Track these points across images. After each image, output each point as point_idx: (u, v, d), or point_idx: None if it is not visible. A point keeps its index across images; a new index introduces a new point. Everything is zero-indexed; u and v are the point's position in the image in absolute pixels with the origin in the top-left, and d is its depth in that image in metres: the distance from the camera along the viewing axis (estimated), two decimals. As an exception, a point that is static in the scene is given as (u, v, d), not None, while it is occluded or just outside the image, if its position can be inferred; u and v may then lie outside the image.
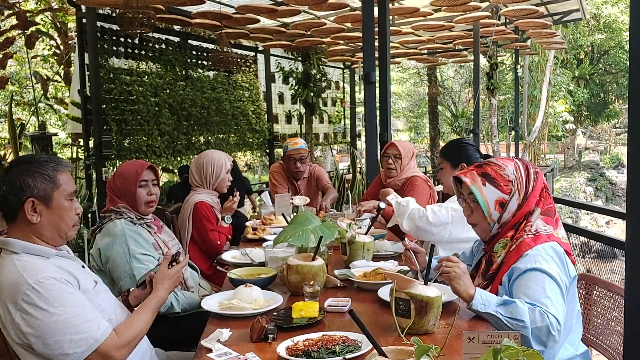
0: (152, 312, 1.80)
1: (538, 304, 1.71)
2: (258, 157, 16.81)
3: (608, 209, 6.90)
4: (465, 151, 2.84)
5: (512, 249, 1.87)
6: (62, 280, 1.61)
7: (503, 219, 1.92)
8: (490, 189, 1.91)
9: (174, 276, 1.89)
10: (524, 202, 1.91)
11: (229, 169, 3.39)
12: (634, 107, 1.48)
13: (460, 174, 1.98)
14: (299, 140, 4.25)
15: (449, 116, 21.29)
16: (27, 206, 1.64)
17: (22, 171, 1.65)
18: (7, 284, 1.58)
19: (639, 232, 1.56)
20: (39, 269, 1.61)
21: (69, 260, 1.76)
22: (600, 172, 20.96)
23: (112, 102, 5.53)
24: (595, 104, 23.23)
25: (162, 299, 1.85)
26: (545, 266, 1.78)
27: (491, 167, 1.94)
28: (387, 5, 4.61)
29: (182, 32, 6.84)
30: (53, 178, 1.67)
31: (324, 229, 2.24)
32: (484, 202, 1.91)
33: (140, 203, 2.48)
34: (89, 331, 1.58)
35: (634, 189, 1.49)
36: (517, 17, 7.25)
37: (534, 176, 1.94)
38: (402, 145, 3.67)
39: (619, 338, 2.02)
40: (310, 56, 8.49)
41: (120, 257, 2.28)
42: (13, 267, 1.61)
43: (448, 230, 2.71)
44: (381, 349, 1.27)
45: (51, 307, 1.56)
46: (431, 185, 3.64)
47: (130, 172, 2.50)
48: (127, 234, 2.33)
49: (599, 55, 22.90)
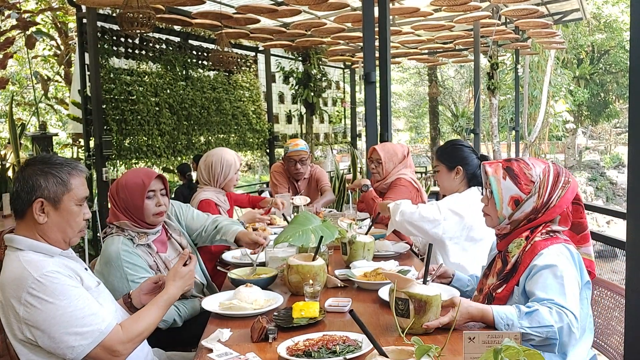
0: (161, 309, 1.78)
1: (555, 300, 1.68)
2: (258, 157, 16.83)
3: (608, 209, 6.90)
4: (461, 153, 2.83)
5: (527, 250, 1.86)
6: (67, 275, 1.62)
7: (514, 216, 1.91)
8: (509, 184, 1.90)
9: (186, 275, 1.87)
10: (542, 207, 1.88)
11: (238, 168, 3.37)
12: (634, 107, 1.48)
13: (487, 163, 1.99)
14: (299, 142, 4.23)
15: (449, 116, 21.30)
16: (35, 206, 1.65)
17: (37, 171, 1.66)
18: (11, 280, 1.59)
19: (639, 232, 1.56)
20: (44, 264, 1.62)
21: (72, 261, 1.76)
22: (600, 172, 20.94)
23: (113, 102, 5.54)
24: (595, 103, 23.23)
25: (173, 297, 1.83)
26: (561, 264, 1.76)
27: (518, 163, 1.94)
28: (388, 5, 4.61)
29: (183, 32, 6.84)
30: (65, 181, 1.68)
31: (325, 229, 2.24)
32: (497, 195, 1.91)
33: (148, 215, 2.30)
34: (94, 324, 1.58)
35: (634, 189, 1.49)
36: (517, 17, 7.24)
37: (563, 185, 1.88)
38: (385, 150, 3.66)
39: (620, 338, 2.02)
40: (310, 56, 8.50)
41: (118, 280, 2.18)
42: (17, 264, 1.61)
43: (442, 227, 2.69)
44: (382, 349, 1.26)
45: (57, 299, 1.56)
46: (419, 188, 3.60)
47: (135, 184, 2.30)
48: (122, 258, 2.19)
49: (600, 55, 22.90)
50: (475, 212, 2.68)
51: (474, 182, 2.82)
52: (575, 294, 1.73)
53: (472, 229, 2.71)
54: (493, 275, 1.99)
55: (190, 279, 1.89)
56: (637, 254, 1.50)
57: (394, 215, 2.76)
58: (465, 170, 2.80)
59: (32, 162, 1.72)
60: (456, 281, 2.25)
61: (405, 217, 2.69)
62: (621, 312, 2.01)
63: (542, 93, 15.71)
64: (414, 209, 2.71)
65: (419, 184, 3.64)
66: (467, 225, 2.70)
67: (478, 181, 2.79)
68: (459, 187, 2.82)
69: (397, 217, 2.73)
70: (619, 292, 2.06)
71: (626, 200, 1.47)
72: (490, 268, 2.05)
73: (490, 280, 1.98)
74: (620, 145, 25.73)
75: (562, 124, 19.59)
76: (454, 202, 2.72)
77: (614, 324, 2.09)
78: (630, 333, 1.58)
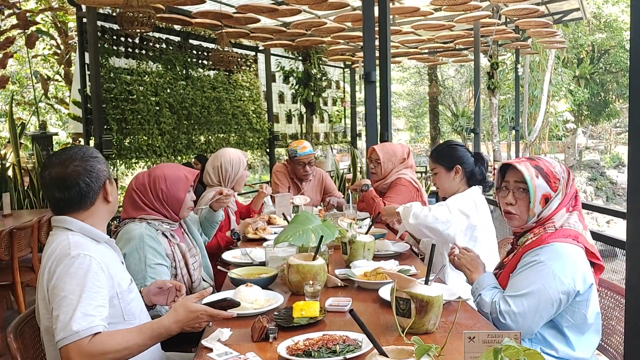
0: (146, 339, 1.60)
1: (512, 293, 1.85)
2: (258, 156, 16.85)
3: (608, 209, 6.89)
4: (457, 153, 2.83)
5: (528, 242, 1.94)
6: (99, 267, 1.62)
7: (543, 214, 1.94)
8: (542, 183, 1.93)
9: (196, 312, 1.64)
10: (562, 203, 1.95)
11: (246, 165, 3.40)
12: (634, 107, 1.48)
13: (514, 162, 2.00)
14: (306, 144, 4.20)
15: (449, 115, 21.31)
16: (107, 187, 1.76)
17: (87, 161, 1.73)
18: (54, 254, 1.62)
19: (639, 232, 1.56)
20: (87, 247, 1.65)
21: (113, 252, 1.79)
22: (600, 172, 20.93)
23: (113, 101, 5.54)
24: (595, 103, 23.22)
25: (166, 332, 1.63)
26: (546, 261, 1.82)
27: (543, 162, 1.97)
28: (388, 4, 4.61)
29: (183, 31, 6.84)
30: (106, 163, 1.81)
31: (325, 228, 2.24)
32: (533, 193, 1.93)
33: (184, 208, 2.41)
34: (77, 322, 1.52)
35: (634, 189, 1.49)
36: (517, 17, 7.24)
37: (572, 181, 1.99)
38: (385, 150, 3.65)
39: (620, 338, 2.02)
40: (310, 55, 8.50)
41: (136, 263, 2.19)
42: (65, 241, 1.65)
43: (453, 228, 2.68)
44: (382, 349, 1.26)
45: (72, 278, 1.56)
46: (419, 187, 3.60)
47: (178, 177, 2.39)
48: (146, 241, 2.22)
49: (600, 55, 22.89)
50: (479, 212, 2.68)
51: (473, 180, 2.82)
52: (536, 310, 1.82)
53: (475, 228, 2.72)
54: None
55: (196, 321, 1.65)
56: (637, 254, 1.50)
57: (405, 218, 2.74)
58: (463, 169, 2.80)
59: (72, 158, 1.72)
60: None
61: (420, 220, 2.67)
62: (621, 312, 2.01)
63: (542, 92, 15.72)
64: (427, 211, 2.69)
65: (419, 184, 3.64)
66: (472, 224, 2.70)
67: (477, 180, 2.81)
68: (459, 186, 2.82)
69: (410, 219, 2.70)
70: (619, 292, 2.06)
71: (626, 200, 1.47)
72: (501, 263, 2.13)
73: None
74: (620, 144, 25.73)
75: (562, 124, 19.59)
76: (462, 202, 2.71)
77: (613, 324, 2.09)
78: (630, 333, 1.58)
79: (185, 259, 2.43)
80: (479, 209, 2.71)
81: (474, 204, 2.69)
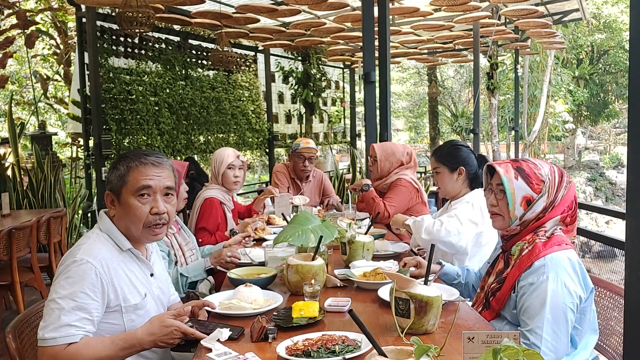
0: (119, 350, 1.59)
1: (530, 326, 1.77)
2: (258, 156, 16.82)
3: (608, 209, 6.90)
4: (462, 153, 2.82)
5: (524, 253, 1.88)
6: (99, 279, 1.61)
7: (526, 217, 1.91)
8: (521, 184, 1.90)
9: (169, 327, 1.62)
10: (550, 207, 1.90)
11: (229, 162, 3.41)
12: (633, 107, 1.48)
13: (495, 163, 1.98)
14: (310, 141, 4.30)
15: (449, 116, 21.30)
16: (107, 199, 1.76)
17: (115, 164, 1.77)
18: (71, 249, 1.66)
19: (638, 232, 1.56)
20: (96, 253, 1.64)
21: (135, 264, 1.77)
22: (600, 172, 20.96)
23: (112, 101, 5.53)
24: (595, 103, 23.22)
25: (139, 345, 1.61)
26: (552, 279, 1.77)
27: (527, 164, 1.95)
28: (387, 4, 4.61)
29: (182, 31, 6.84)
30: (123, 175, 1.73)
31: (324, 228, 2.24)
32: (511, 195, 1.91)
33: (180, 199, 2.55)
34: (58, 331, 1.54)
35: (633, 189, 1.49)
36: (517, 17, 7.24)
37: (566, 184, 1.92)
38: (383, 149, 3.66)
39: (619, 338, 2.01)
40: (310, 56, 8.49)
41: None
42: (85, 239, 1.68)
43: (464, 239, 2.66)
44: (381, 349, 1.26)
45: (64, 282, 1.58)
46: (419, 188, 3.60)
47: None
48: None
49: (599, 55, 22.89)
50: (484, 218, 2.67)
51: (475, 183, 2.80)
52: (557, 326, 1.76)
53: (481, 235, 2.71)
54: (493, 274, 2.00)
55: (168, 337, 1.62)
56: (636, 255, 1.50)
57: (417, 233, 2.73)
58: (467, 171, 2.79)
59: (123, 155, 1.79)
60: (442, 275, 2.27)
61: (433, 235, 2.66)
62: (620, 312, 2.01)
63: (541, 93, 15.71)
64: (439, 225, 2.67)
65: (419, 185, 3.64)
66: (478, 231, 2.70)
67: (480, 182, 2.78)
68: (462, 188, 2.81)
69: (423, 235, 2.70)
70: (618, 292, 2.06)
71: (625, 200, 1.47)
72: (493, 266, 2.05)
73: (491, 278, 1.99)
74: (619, 145, 25.76)
75: (562, 124, 19.58)
76: (471, 212, 2.70)
77: (613, 324, 2.09)
78: (629, 333, 1.58)
79: (182, 250, 2.46)
80: (484, 214, 2.70)
81: (480, 211, 2.68)
